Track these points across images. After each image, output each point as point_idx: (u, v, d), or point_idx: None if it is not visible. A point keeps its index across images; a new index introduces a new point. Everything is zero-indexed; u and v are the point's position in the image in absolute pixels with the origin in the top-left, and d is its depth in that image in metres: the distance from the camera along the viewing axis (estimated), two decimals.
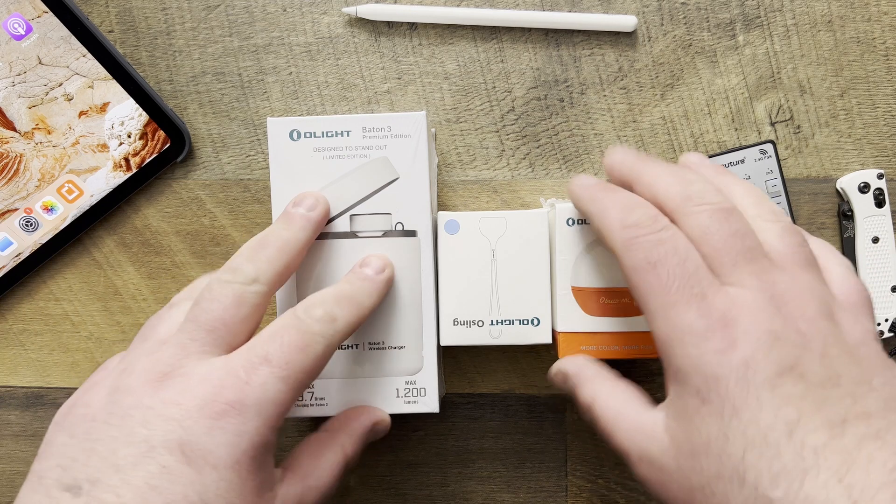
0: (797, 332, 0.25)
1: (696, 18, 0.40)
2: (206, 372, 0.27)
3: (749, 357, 0.24)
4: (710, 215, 0.27)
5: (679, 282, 0.26)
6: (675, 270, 0.26)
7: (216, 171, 0.41)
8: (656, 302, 0.26)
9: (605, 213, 0.28)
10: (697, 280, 0.26)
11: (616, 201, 0.29)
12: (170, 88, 0.41)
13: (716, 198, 0.27)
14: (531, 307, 0.33)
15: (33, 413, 0.42)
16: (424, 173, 0.34)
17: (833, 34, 0.40)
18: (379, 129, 0.34)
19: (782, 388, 0.24)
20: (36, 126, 0.40)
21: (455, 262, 0.33)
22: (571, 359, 0.33)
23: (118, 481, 0.25)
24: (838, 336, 0.25)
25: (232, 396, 0.26)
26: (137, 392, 0.27)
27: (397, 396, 0.34)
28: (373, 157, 0.34)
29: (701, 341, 0.25)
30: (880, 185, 0.40)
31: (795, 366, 0.24)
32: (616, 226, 0.28)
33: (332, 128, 0.34)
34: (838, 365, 0.25)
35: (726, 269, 0.26)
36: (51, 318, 0.42)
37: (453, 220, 0.33)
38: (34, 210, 0.40)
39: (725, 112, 0.40)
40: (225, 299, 0.29)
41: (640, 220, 0.27)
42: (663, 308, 0.26)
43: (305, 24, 0.41)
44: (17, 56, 0.40)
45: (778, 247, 0.27)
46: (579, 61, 0.40)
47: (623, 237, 0.27)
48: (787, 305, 0.26)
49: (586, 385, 0.31)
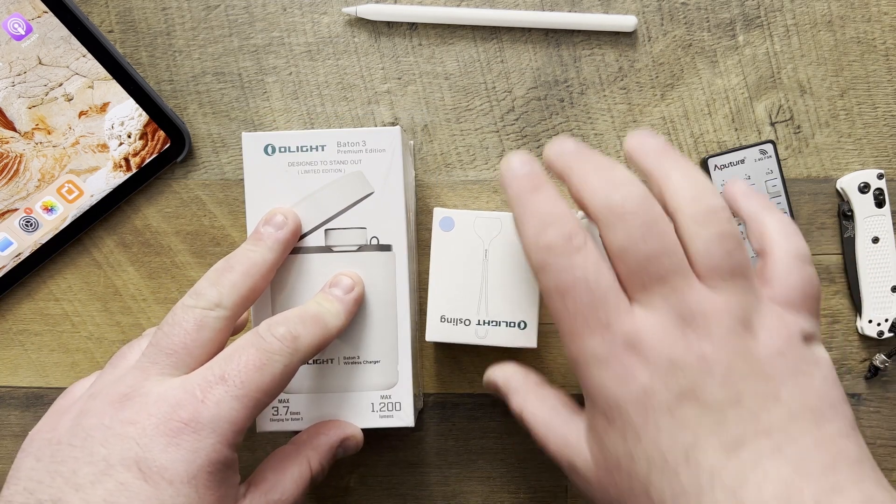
0: (699, 357, 0.25)
1: (696, 18, 0.40)
2: (163, 391, 0.28)
3: (648, 386, 0.25)
4: (627, 233, 0.26)
5: (585, 311, 0.26)
6: (583, 299, 0.26)
7: (216, 171, 0.41)
8: (565, 328, 0.27)
9: (523, 226, 0.28)
10: (604, 306, 0.26)
11: (534, 213, 0.27)
12: (170, 88, 0.41)
13: (639, 206, 0.26)
14: (519, 310, 0.33)
15: (33, 413, 0.42)
16: (399, 188, 0.34)
17: (833, 34, 0.40)
18: (354, 143, 0.34)
19: (680, 413, 0.25)
20: (36, 126, 0.40)
21: (447, 258, 0.33)
22: (500, 367, 0.34)
23: (78, 500, 0.25)
24: (747, 353, 0.26)
25: (187, 415, 0.27)
26: (99, 413, 0.28)
27: (372, 411, 0.34)
28: (348, 172, 0.34)
29: (603, 369, 0.26)
30: (880, 185, 0.40)
31: (693, 391, 0.25)
32: (531, 243, 0.27)
33: (306, 142, 0.34)
34: (742, 384, 0.25)
35: (636, 291, 0.26)
36: (51, 318, 0.42)
37: (448, 216, 0.33)
38: (34, 210, 0.40)
39: (725, 112, 0.40)
40: (186, 324, 0.29)
41: (552, 242, 0.27)
42: (570, 334, 0.27)
43: (305, 24, 0.41)
44: (17, 56, 0.40)
45: (704, 258, 0.26)
46: (579, 61, 0.40)
47: (537, 258, 0.27)
48: (694, 327, 0.26)
49: (515, 395, 0.32)
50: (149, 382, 0.28)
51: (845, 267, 0.40)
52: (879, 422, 0.41)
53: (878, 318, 0.40)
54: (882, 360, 0.40)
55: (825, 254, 0.41)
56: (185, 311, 0.30)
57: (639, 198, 0.26)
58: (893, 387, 0.41)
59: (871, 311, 0.40)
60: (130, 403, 0.28)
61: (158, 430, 0.27)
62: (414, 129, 0.41)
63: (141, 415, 0.27)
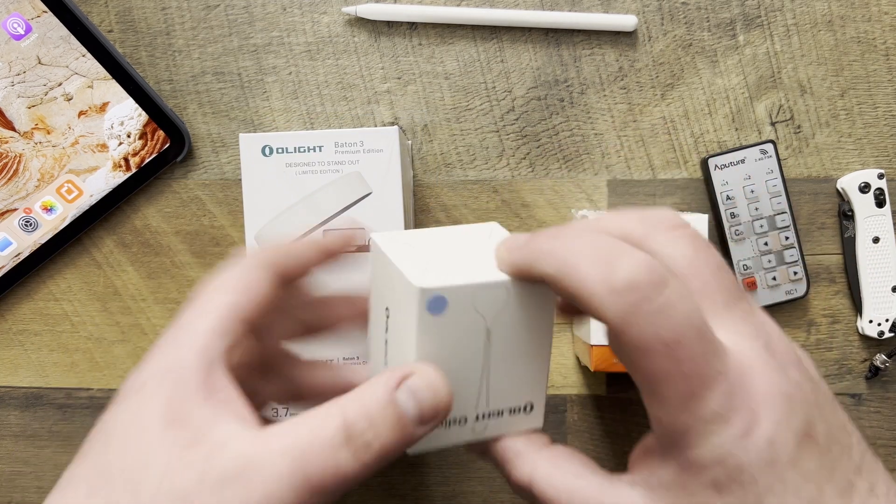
0: (797, 385, 0.22)
1: (696, 18, 0.40)
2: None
3: (772, 434, 0.21)
4: (688, 240, 0.23)
5: (700, 360, 0.21)
6: (696, 346, 0.21)
7: (216, 171, 0.41)
8: (676, 390, 0.21)
9: (580, 272, 0.21)
10: (714, 348, 0.21)
11: (589, 251, 0.21)
12: (169, 88, 0.41)
13: (651, 275, 0.21)
14: (526, 391, 0.26)
15: (32, 413, 0.42)
16: (398, 188, 0.34)
17: (833, 34, 0.40)
18: (351, 144, 0.34)
19: (802, 463, 0.21)
20: (35, 126, 0.40)
21: (435, 348, 0.24)
22: (510, 440, 0.26)
23: None
24: (815, 380, 0.23)
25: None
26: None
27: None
28: (345, 173, 0.34)
29: (726, 427, 0.21)
30: (881, 184, 0.39)
31: (808, 430, 0.21)
32: (602, 289, 0.21)
33: (304, 143, 0.34)
34: (829, 415, 0.22)
35: (719, 312, 0.22)
36: (50, 318, 0.42)
37: (440, 295, 0.23)
38: (34, 210, 0.40)
39: (726, 112, 0.40)
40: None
41: (633, 277, 0.20)
42: (683, 399, 0.21)
43: (305, 23, 0.41)
44: (17, 56, 0.40)
45: (714, 290, 0.23)
46: (579, 61, 0.40)
47: (618, 306, 0.20)
48: (778, 352, 0.22)
49: (518, 460, 0.25)
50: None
51: (846, 267, 0.40)
52: (880, 422, 0.41)
53: (878, 318, 0.40)
54: (882, 360, 0.40)
55: (825, 254, 0.40)
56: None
57: (644, 263, 0.21)
58: (894, 387, 0.41)
59: (871, 311, 0.40)
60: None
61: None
62: (414, 128, 0.41)
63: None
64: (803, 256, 0.40)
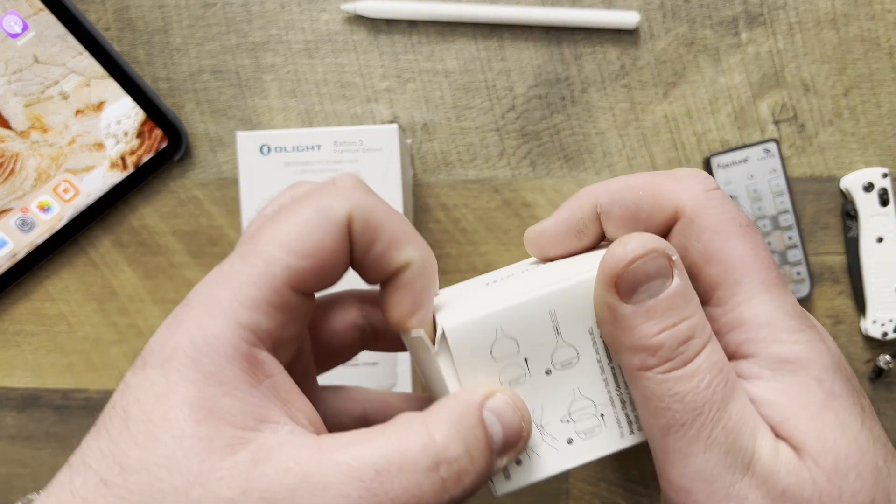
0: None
1: (698, 16, 0.40)
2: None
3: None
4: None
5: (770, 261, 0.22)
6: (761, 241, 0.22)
7: (213, 171, 0.41)
8: (756, 279, 0.21)
9: (656, 186, 0.21)
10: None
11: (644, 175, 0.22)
12: (167, 87, 0.41)
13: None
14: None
15: (29, 415, 0.41)
16: (397, 187, 0.33)
17: (837, 32, 0.40)
18: (350, 143, 0.33)
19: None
20: (32, 125, 0.40)
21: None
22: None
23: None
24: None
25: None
26: None
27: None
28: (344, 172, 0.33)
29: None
30: (885, 184, 0.39)
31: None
32: (676, 184, 0.21)
33: (302, 142, 0.34)
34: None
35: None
36: (47, 318, 0.41)
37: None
38: (30, 210, 0.40)
39: (728, 110, 0.40)
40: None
41: (707, 178, 0.22)
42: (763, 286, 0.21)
43: (304, 21, 0.40)
44: (14, 54, 0.39)
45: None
46: (581, 59, 0.40)
47: (697, 190, 0.21)
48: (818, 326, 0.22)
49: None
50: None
51: (849, 267, 0.40)
52: (883, 423, 0.40)
53: (882, 318, 0.39)
54: (886, 360, 0.39)
55: (829, 254, 0.40)
56: None
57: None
58: None
59: (875, 311, 0.39)
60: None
61: None
62: (413, 127, 0.40)
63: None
64: (807, 256, 0.40)
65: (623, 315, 0.20)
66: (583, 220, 0.23)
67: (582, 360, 0.21)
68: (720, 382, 0.20)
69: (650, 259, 0.19)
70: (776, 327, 0.20)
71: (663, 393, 0.19)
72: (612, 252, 0.20)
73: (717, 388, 0.19)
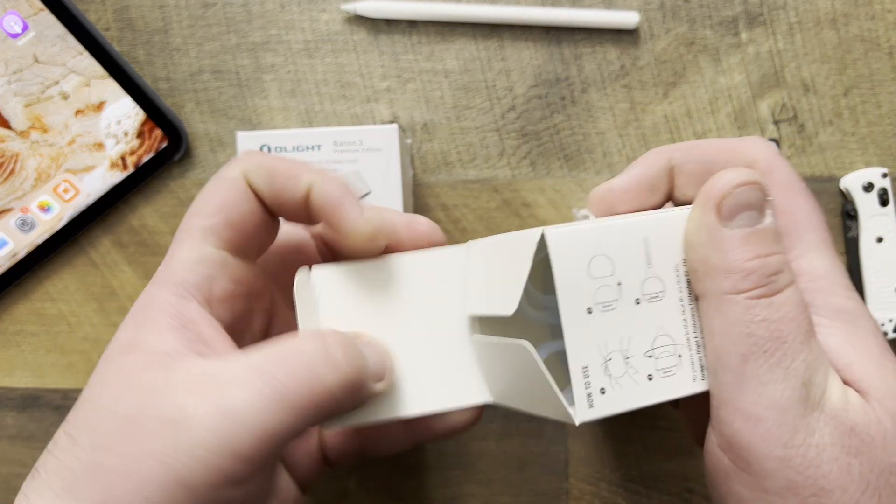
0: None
1: (698, 16, 0.40)
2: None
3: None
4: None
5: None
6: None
7: (213, 171, 0.41)
8: (817, 235, 0.25)
9: (738, 145, 0.25)
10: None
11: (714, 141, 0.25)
12: (167, 87, 0.41)
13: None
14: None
15: (29, 415, 0.41)
16: (397, 187, 0.33)
17: (837, 32, 0.40)
18: (350, 142, 0.33)
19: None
20: (32, 125, 0.40)
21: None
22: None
23: None
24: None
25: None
26: None
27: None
28: (344, 171, 0.33)
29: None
30: (884, 184, 0.39)
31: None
32: (753, 146, 0.25)
33: (302, 142, 0.34)
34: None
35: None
36: (47, 318, 0.41)
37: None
38: (30, 210, 0.40)
39: (728, 111, 0.40)
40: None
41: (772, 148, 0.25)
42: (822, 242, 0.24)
43: (304, 21, 0.40)
44: (13, 54, 0.39)
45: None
46: (581, 59, 0.40)
47: (768, 151, 0.24)
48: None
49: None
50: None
51: (849, 267, 0.40)
52: None
53: (882, 318, 0.39)
54: None
55: None
56: None
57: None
58: None
59: (875, 311, 0.39)
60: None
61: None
62: (413, 127, 0.40)
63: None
64: None
65: (721, 237, 0.21)
66: (657, 174, 0.24)
67: (667, 296, 0.22)
68: (805, 318, 0.21)
69: (752, 189, 0.21)
70: (833, 281, 0.22)
71: (750, 318, 0.21)
72: (717, 176, 0.22)
73: (801, 322, 0.21)
